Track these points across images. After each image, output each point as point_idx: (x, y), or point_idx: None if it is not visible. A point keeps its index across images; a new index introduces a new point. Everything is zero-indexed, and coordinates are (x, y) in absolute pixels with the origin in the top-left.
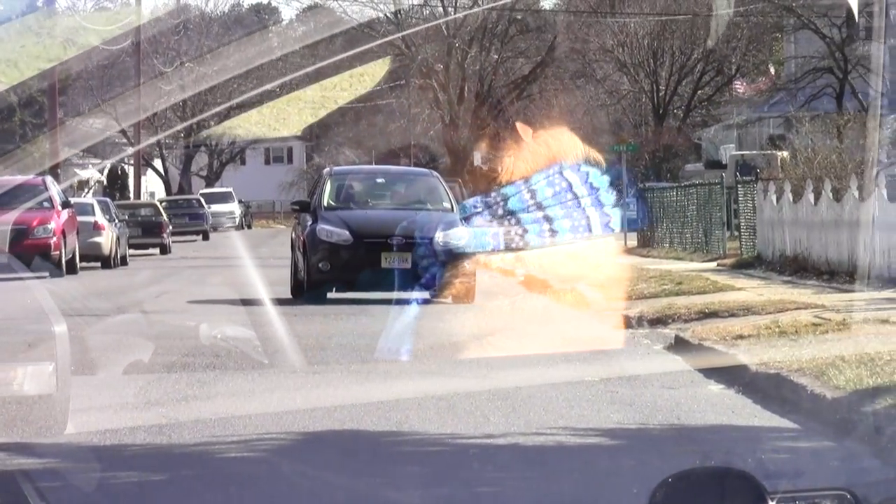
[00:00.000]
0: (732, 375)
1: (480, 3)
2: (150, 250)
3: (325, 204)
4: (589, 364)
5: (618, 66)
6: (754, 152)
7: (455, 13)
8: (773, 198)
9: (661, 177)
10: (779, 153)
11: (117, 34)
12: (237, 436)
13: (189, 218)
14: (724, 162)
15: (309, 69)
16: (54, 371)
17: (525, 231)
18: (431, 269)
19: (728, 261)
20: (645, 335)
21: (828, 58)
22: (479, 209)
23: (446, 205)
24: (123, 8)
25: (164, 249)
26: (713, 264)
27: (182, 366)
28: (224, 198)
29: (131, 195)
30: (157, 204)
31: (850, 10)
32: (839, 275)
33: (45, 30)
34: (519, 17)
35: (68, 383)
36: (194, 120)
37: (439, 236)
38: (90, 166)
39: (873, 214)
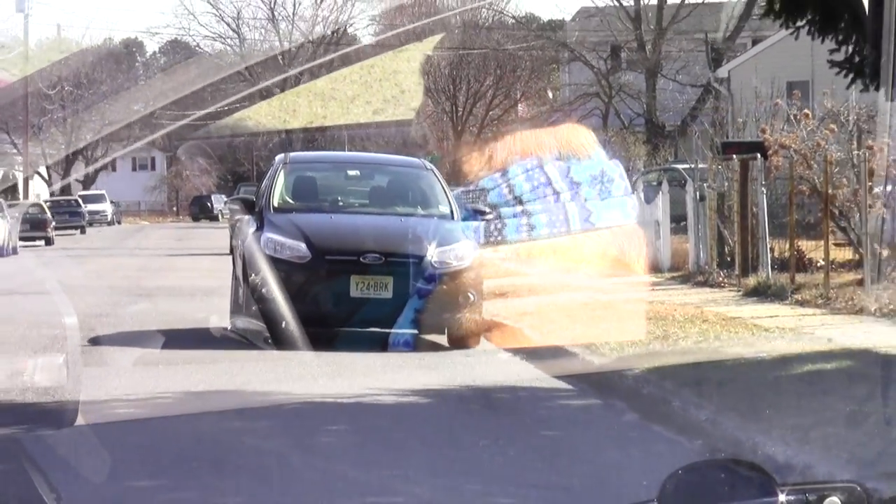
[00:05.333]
0: (520, 346)
1: (310, 39)
2: (37, 242)
3: (276, 204)
4: None
5: (424, 90)
6: None
7: (290, 47)
8: None
9: (460, 183)
10: None
11: (8, 65)
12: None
13: (69, 215)
14: None
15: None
16: (65, 362)
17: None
18: (421, 300)
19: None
20: None
21: (595, 85)
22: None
23: (444, 209)
24: (13, 41)
25: (49, 242)
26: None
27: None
28: (98, 198)
29: (21, 196)
30: (43, 204)
31: (614, 46)
32: None
33: None
34: (340, 51)
35: (79, 375)
36: (129, 130)
37: (434, 253)
38: None
39: None
